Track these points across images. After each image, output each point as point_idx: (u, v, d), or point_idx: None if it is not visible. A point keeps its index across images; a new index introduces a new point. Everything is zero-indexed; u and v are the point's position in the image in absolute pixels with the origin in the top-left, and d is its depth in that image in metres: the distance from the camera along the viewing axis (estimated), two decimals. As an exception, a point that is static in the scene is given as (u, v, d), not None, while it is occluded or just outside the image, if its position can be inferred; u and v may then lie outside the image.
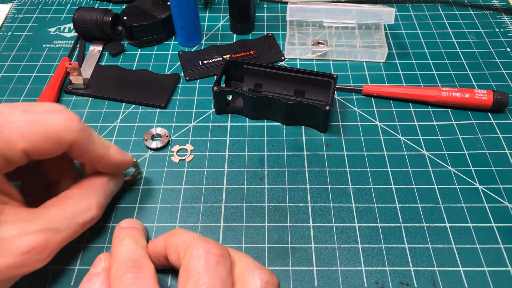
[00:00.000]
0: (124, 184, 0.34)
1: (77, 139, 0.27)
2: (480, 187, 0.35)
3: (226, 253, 0.24)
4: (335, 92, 0.43)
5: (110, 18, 0.47)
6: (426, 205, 0.34)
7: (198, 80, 0.45)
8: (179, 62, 0.47)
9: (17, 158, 0.26)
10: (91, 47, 0.48)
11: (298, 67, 0.45)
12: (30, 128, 0.26)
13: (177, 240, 0.26)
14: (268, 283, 0.23)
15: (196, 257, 0.24)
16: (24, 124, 0.26)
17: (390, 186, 0.35)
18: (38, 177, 0.32)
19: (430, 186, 0.35)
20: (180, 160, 0.38)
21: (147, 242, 0.29)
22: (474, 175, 0.36)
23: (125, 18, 0.47)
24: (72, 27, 0.51)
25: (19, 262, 0.25)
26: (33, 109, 0.27)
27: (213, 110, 0.42)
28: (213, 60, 0.47)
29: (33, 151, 0.26)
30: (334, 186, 0.36)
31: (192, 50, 0.49)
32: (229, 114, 0.42)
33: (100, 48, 0.48)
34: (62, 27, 0.53)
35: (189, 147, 0.39)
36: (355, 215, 0.34)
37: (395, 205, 0.34)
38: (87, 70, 0.46)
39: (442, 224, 0.33)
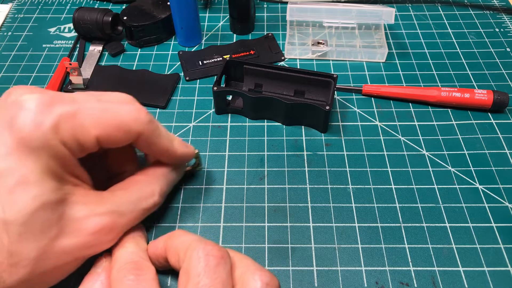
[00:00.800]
0: (184, 174, 0.35)
1: (145, 131, 0.28)
2: (480, 187, 0.35)
3: (226, 255, 0.24)
4: (335, 92, 0.43)
5: (110, 18, 0.47)
6: (426, 205, 0.34)
7: (198, 80, 0.45)
8: (179, 62, 0.47)
9: (89, 144, 0.26)
10: (91, 47, 0.48)
11: (298, 67, 0.45)
12: (103, 116, 0.26)
13: (177, 242, 0.26)
14: (268, 285, 0.23)
15: (196, 259, 0.24)
16: (97, 112, 0.26)
17: (390, 186, 0.35)
18: (101, 168, 0.32)
19: (430, 186, 0.35)
20: (180, 160, 0.38)
21: (147, 243, 0.29)
22: (474, 175, 0.36)
23: (125, 18, 0.47)
24: (72, 27, 0.51)
25: (88, 243, 0.26)
26: (105, 98, 0.28)
27: (213, 110, 0.42)
28: (213, 60, 0.47)
29: (104, 139, 0.27)
30: (334, 186, 0.36)
31: (192, 50, 0.49)
32: (229, 114, 0.42)
33: (100, 48, 0.48)
34: (62, 27, 0.53)
35: (189, 147, 0.39)
36: (355, 215, 0.34)
37: (395, 205, 0.34)
38: (87, 70, 0.46)
39: (442, 224, 0.33)
